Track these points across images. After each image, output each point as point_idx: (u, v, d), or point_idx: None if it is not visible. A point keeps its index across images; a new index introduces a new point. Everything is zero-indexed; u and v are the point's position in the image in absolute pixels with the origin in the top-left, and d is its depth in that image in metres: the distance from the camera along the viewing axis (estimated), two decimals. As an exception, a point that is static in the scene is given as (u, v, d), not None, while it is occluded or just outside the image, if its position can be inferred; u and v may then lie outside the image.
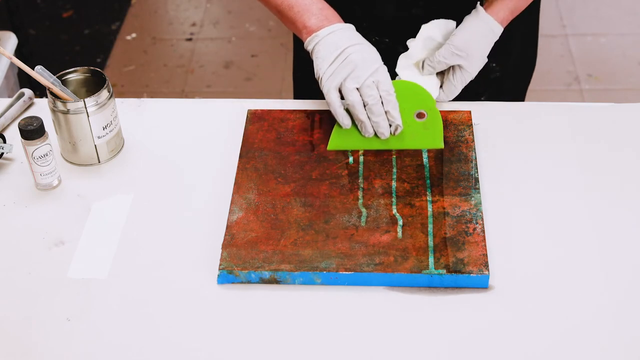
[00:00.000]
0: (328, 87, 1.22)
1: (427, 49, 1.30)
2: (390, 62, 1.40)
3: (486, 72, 1.42)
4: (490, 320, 1.05)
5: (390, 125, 1.23)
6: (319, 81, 1.23)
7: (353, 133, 1.24)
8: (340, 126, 1.24)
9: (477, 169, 1.21)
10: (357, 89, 1.21)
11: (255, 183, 1.20)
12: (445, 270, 1.08)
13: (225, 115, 1.35)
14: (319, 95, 1.43)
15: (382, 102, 1.22)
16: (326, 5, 1.27)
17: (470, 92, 1.38)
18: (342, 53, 1.22)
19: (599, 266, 1.11)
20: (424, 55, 1.30)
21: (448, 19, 1.34)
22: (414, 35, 1.35)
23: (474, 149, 1.25)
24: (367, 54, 1.22)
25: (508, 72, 1.45)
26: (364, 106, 1.22)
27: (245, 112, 1.33)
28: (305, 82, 1.54)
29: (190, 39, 3.06)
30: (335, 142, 1.25)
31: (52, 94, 1.23)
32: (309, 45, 1.25)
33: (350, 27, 1.26)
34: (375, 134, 1.24)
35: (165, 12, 3.22)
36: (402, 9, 1.34)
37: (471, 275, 1.07)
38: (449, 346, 1.02)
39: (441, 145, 1.24)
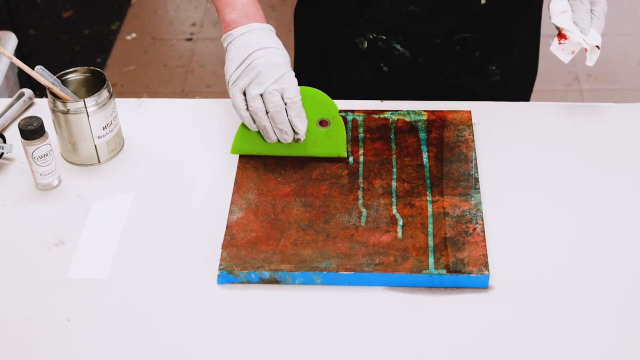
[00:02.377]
0: (233, 91, 1.18)
1: None
2: (386, 59, 1.40)
3: (486, 75, 1.42)
4: (490, 320, 1.05)
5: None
6: (227, 84, 1.20)
7: (257, 137, 1.22)
8: (244, 130, 1.22)
9: (477, 169, 1.21)
10: (261, 95, 1.17)
11: (255, 183, 1.20)
12: (445, 270, 1.08)
13: (225, 115, 1.35)
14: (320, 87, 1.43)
15: (286, 110, 1.18)
16: (253, 0, 1.22)
17: (469, 96, 1.38)
18: (248, 57, 1.17)
19: (599, 266, 1.11)
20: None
21: (448, 13, 1.33)
22: (410, 33, 1.34)
23: (474, 149, 1.25)
24: (275, 59, 1.17)
25: (509, 76, 1.44)
26: (267, 113, 1.18)
27: (245, 112, 1.33)
28: (311, 83, 1.53)
29: (190, 39, 3.06)
30: (238, 145, 1.23)
31: (52, 94, 1.23)
32: (224, 42, 1.21)
33: (267, 29, 1.21)
34: (279, 140, 1.21)
35: (165, 12, 3.21)
36: (399, 6, 1.34)
37: (471, 275, 1.07)
38: (449, 346, 1.02)
39: (344, 154, 1.22)
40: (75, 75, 1.29)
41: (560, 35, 1.25)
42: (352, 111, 1.31)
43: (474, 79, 1.41)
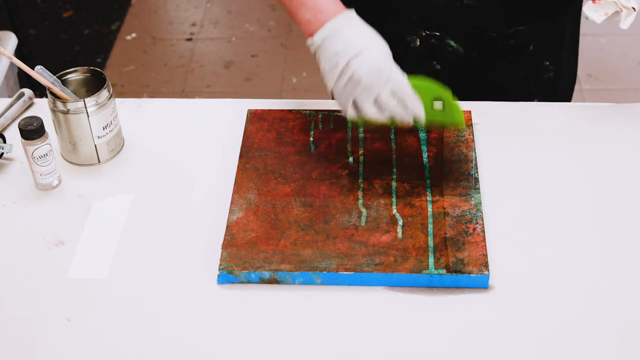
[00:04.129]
0: (343, 104, 1.13)
1: None
2: (438, 56, 1.37)
3: (539, 72, 1.40)
4: (490, 320, 1.05)
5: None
6: (329, 92, 1.15)
7: None
8: None
9: (477, 169, 1.21)
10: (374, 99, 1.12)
11: (255, 183, 1.20)
12: (445, 270, 1.08)
13: (225, 115, 1.35)
14: None
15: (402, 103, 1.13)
16: None
17: (523, 93, 1.36)
18: (345, 69, 1.10)
19: (599, 266, 1.11)
20: None
21: (502, 5, 1.30)
22: (464, 28, 1.32)
23: (474, 149, 1.25)
24: (374, 63, 1.09)
25: (562, 73, 1.42)
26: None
27: (245, 112, 1.33)
28: None
29: (190, 39, 3.06)
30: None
31: (52, 94, 1.23)
32: (310, 48, 1.14)
33: (348, 21, 1.11)
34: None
35: (165, 12, 3.22)
36: (453, 1, 1.31)
37: (471, 275, 1.07)
38: (449, 346, 1.02)
39: (463, 126, 1.18)
40: (75, 75, 1.29)
41: None
42: (352, 111, 1.31)
43: (528, 76, 1.40)
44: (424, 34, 1.33)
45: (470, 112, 1.30)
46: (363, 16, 1.30)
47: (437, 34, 1.34)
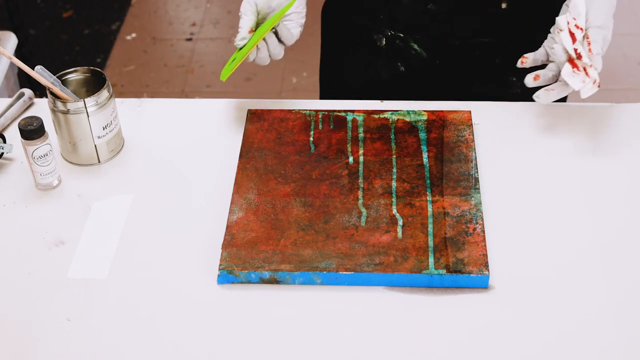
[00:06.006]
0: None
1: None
2: (403, 58, 1.38)
3: (505, 86, 1.40)
4: (490, 320, 1.05)
5: None
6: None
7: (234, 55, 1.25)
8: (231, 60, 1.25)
9: (477, 169, 1.21)
10: None
11: (255, 183, 1.20)
12: (445, 270, 1.08)
13: (225, 115, 1.35)
14: (346, 93, 1.42)
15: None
16: None
17: None
18: None
19: (599, 266, 1.11)
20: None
21: (467, 15, 1.31)
22: (428, 33, 1.32)
23: (474, 149, 1.25)
24: None
25: (530, 91, 1.42)
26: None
27: (245, 112, 1.33)
28: (333, 80, 1.52)
29: (190, 39, 3.06)
30: (226, 72, 1.24)
31: (52, 94, 1.23)
32: None
33: None
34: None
35: (165, 12, 3.22)
36: (418, 4, 1.33)
37: (471, 275, 1.07)
38: (449, 346, 1.02)
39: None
40: (75, 75, 1.29)
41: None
42: (352, 111, 1.31)
43: (492, 89, 1.40)
44: (389, 33, 1.35)
45: (470, 112, 1.30)
46: (335, 7, 1.33)
47: (402, 35, 1.35)
